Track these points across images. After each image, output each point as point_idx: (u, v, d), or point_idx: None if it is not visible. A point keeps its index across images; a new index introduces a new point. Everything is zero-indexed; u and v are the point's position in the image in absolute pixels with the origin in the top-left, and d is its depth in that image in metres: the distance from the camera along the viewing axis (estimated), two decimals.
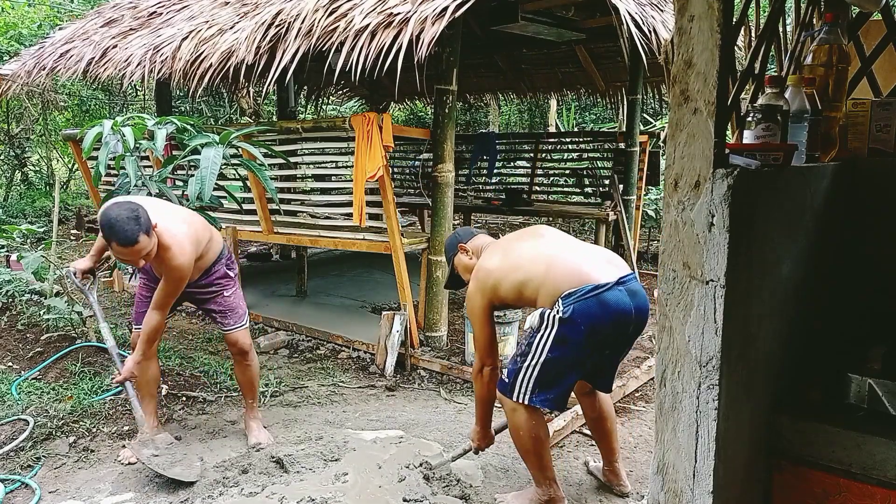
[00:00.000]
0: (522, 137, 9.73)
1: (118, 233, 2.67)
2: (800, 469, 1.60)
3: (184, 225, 3.01)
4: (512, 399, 2.52)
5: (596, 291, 2.38)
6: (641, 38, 4.61)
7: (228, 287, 3.27)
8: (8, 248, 5.00)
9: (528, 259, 2.56)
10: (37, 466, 3.09)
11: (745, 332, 1.44)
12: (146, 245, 2.73)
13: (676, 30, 1.35)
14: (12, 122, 10.53)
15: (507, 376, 2.55)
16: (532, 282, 2.50)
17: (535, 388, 2.47)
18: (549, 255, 2.54)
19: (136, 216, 2.71)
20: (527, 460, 2.64)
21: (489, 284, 2.58)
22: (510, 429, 2.61)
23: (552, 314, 2.41)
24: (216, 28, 4.96)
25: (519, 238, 2.74)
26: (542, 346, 2.43)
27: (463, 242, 2.85)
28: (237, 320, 3.28)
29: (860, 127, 1.97)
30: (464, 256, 2.84)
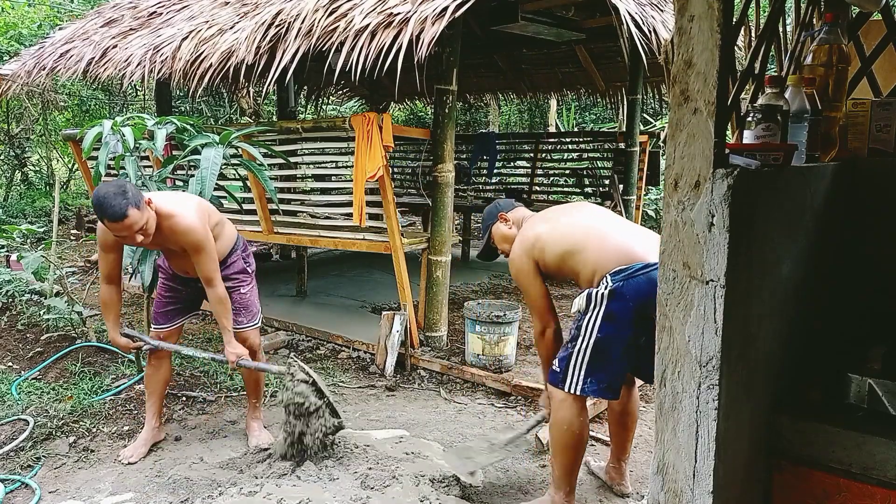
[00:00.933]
0: (522, 137, 9.73)
1: (106, 208, 2.65)
2: (800, 469, 1.60)
3: (186, 199, 3.02)
4: (564, 389, 2.47)
5: (646, 270, 2.36)
6: (641, 38, 4.61)
7: (245, 283, 3.25)
8: (8, 248, 5.00)
9: (578, 230, 2.54)
10: (37, 466, 3.10)
11: (745, 332, 1.44)
12: (137, 219, 2.70)
13: (676, 30, 1.35)
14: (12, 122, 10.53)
15: (559, 364, 2.50)
16: (580, 254, 2.48)
17: (588, 373, 2.42)
18: (600, 229, 2.53)
19: (124, 191, 2.68)
20: (560, 460, 2.55)
21: (537, 247, 2.56)
22: (554, 423, 2.55)
23: (600, 292, 2.39)
24: (216, 28, 4.96)
25: (564, 212, 2.72)
26: (592, 326, 2.41)
27: (504, 212, 2.82)
28: (250, 319, 3.27)
29: (860, 127, 1.97)
30: (503, 226, 2.81)
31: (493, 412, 3.77)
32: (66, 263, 6.56)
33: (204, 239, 2.91)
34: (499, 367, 4.10)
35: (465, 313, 4.19)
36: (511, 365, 4.17)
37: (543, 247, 2.56)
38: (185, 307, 3.32)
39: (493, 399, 3.93)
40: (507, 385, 3.95)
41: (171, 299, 3.26)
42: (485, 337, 4.08)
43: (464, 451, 2.99)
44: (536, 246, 2.57)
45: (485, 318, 4.06)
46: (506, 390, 3.95)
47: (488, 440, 3.02)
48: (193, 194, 3.30)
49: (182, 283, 3.23)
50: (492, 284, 6.43)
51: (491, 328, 4.06)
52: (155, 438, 3.29)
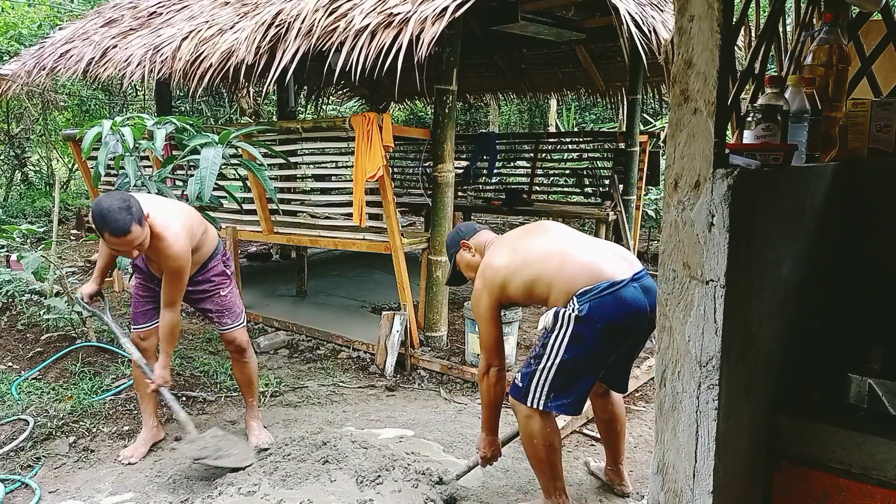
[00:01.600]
0: (522, 137, 9.73)
1: (110, 223, 2.65)
2: (800, 469, 1.60)
3: (177, 216, 2.99)
4: (526, 405, 2.42)
5: (612, 289, 2.32)
6: (641, 38, 4.61)
7: (225, 285, 3.25)
8: (8, 248, 5.00)
9: (539, 256, 2.47)
10: (37, 466, 3.10)
11: (745, 332, 1.44)
12: (138, 235, 2.71)
13: (676, 30, 1.35)
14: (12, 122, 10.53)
15: (521, 380, 2.46)
16: (543, 279, 2.42)
17: (550, 391, 2.38)
18: (561, 251, 2.46)
19: (128, 206, 2.68)
20: (539, 470, 2.55)
21: (497, 283, 2.49)
22: (522, 437, 2.53)
23: (567, 313, 2.34)
24: (216, 28, 4.96)
25: (526, 234, 2.65)
26: (558, 346, 2.36)
27: (465, 239, 2.75)
28: (235, 319, 3.27)
29: (860, 127, 1.97)
30: (466, 253, 2.74)
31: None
32: (66, 263, 6.56)
33: (184, 268, 2.94)
34: None
35: (465, 313, 4.19)
36: (511, 365, 4.16)
37: (505, 282, 2.48)
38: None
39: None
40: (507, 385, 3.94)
41: (149, 298, 3.23)
42: None
43: None
44: (496, 282, 2.50)
45: None
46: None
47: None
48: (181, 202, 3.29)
49: (159, 283, 3.19)
50: None
51: None
52: (155, 438, 3.29)
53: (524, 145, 8.47)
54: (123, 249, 2.76)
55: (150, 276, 3.20)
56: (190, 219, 3.07)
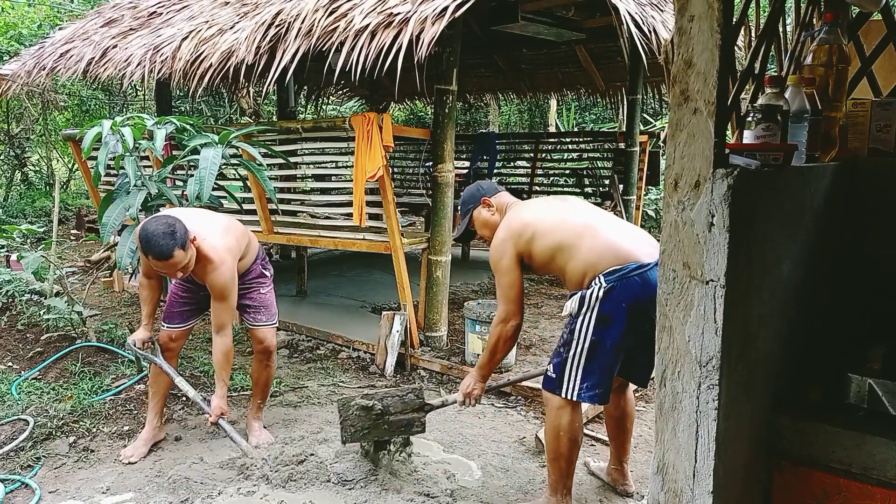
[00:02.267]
0: (522, 137, 9.73)
1: (154, 247, 2.74)
2: (800, 469, 1.60)
3: (223, 236, 3.06)
4: (561, 395, 2.40)
5: (640, 270, 2.32)
6: (641, 38, 4.61)
7: (265, 284, 3.36)
8: (8, 248, 5.00)
9: (571, 226, 2.44)
10: (37, 466, 3.10)
11: (745, 332, 1.44)
12: (181, 259, 2.79)
13: (676, 30, 1.35)
14: (12, 122, 10.53)
15: (553, 370, 2.44)
16: (570, 249, 2.39)
17: (584, 379, 2.37)
18: (593, 226, 2.43)
19: (173, 231, 2.76)
20: (555, 466, 2.52)
21: (525, 236, 2.45)
22: (548, 430, 2.49)
23: (593, 293, 2.33)
24: (216, 28, 4.96)
25: (554, 203, 2.62)
26: (585, 329, 2.35)
27: (487, 196, 2.68)
28: (269, 318, 3.35)
29: (860, 127, 1.97)
30: (485, 210, 2.67)
31: (493, 412, 3.77)
32: (66, 263, 6.56)
33: (231, 292, 3.02)
34: (498, 368, 4.10)
35: (465, 313, 4.19)
36: (511, 365, 4.17)
37: (532, 238, 2.45)
38: (200, 307, 3.35)
39: (492, 399, 3.93)
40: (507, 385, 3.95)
41: (187, 300, 3.28)
42: (485, 337, 4.08)
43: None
44: (524, 236, 2.45)
45: (485, 318, 4.05)
46: (506, 390, 3.94)
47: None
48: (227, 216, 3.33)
49: (198, 284, 3.25)
50: (492, 284, 6.42)
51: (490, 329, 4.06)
52: (155, 438, 3.29)
53: (524, 145, 8.48)
54: (167, 272, 2.85)
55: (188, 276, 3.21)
56: (235, 235, 3.14)
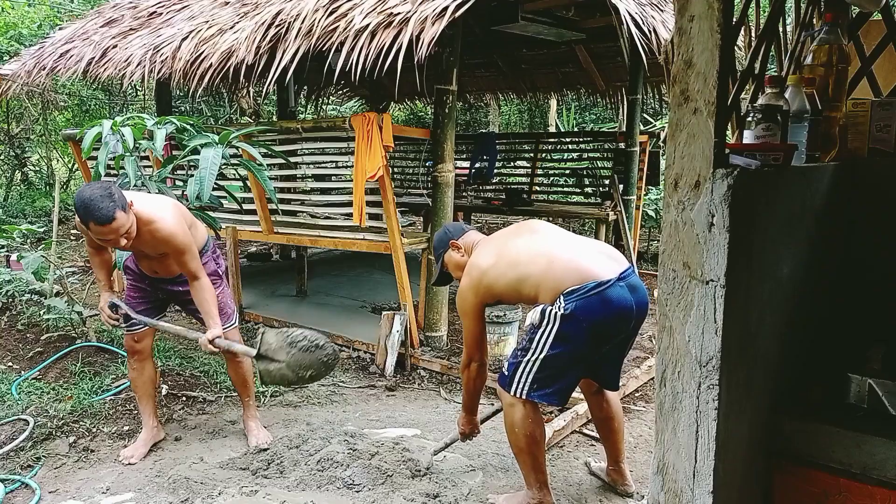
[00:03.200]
0: (522, 137, 9.73)
1: (94, 211, 2.61)
2: (800, 469, 1.60)
3: (163, 202, 2.99)
4: (510, 393, 2.50)
5: (599, 289, 2.35)
6: (641, 38, 4.61)
7: (217, 284, 3.20)
8: (8, 248, 5.00)
9: (525, 256, 2.51)
10: (37, 466, 3.10)
11: (745, 332, 1.44)
12: (124, 222, 2.67)
13: (676, 30, 1.35)
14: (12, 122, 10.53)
15: (507, 369, 2.53)
16: (531, 279, 2.46)
17: (533, 383, 2.45)
18: (548, 251, 2.49)
19: (110, 193, 2.65)
20: (519, 459, 2.61)
21: (483, 284, 2.54)
22: (506, 426, 2.59)
23: (553, 311, 2.38)
24: (216, 28, 4.96)
25: (513, 234, 2.68)
26: (543, 342, 2.42)
27: (455, 239, 2.78)
28: (227, 320, 3.21)
29: (860, 127, 1.97)
30: (455, 253, 2.77)
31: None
32: (66, 263, 6.56)
33: (187, 242, 2.91)
34: (499, 367, 4.09)
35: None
36: None
37: (489, 282, 2.53)
38: (156, 307, 3.26)
39: (492, 399, 3.93)
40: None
41: (142, 300, 3.20)
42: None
43: None
44: (483, 283, 2.53)
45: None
46: None
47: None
48: (168, 196, 3.25)
49: (151, 283, 3.18)
50: None
51: (491, 328, 4.06)
52: (155, 438, 3.29)
53: (524, 145, 8.47)
54: (111, 238, 2.71)
55: (141, 276, 3.17)
56: (177, 206, 3.05)
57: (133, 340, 3.19)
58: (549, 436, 3.22)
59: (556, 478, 3.02)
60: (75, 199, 2.68)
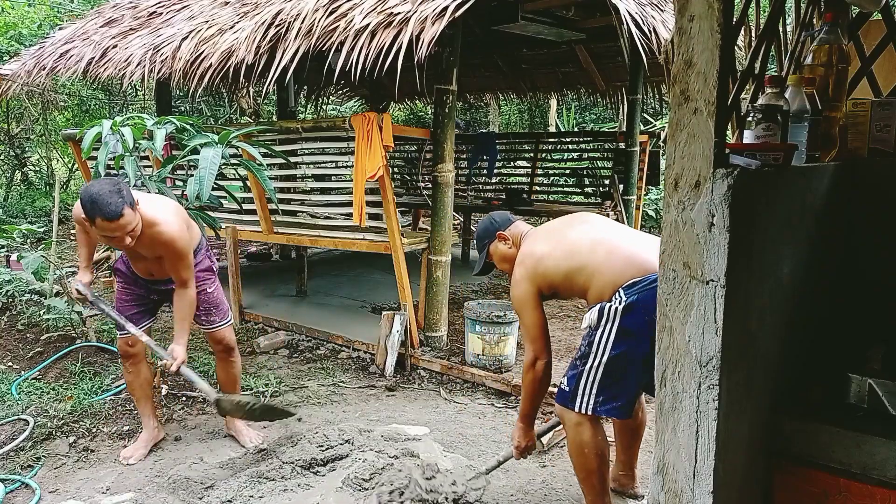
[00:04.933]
0: (522, 137, 9.73)
1: (102, 206, 2.57)
2: (800, 469, 1.60)
3: (165, 202, 2.98)
4: (575, 409, 2.34)
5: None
6: (641, 38, 4.61)
7: (211, 281, 3.19)
8: (8, 248, 5.00)
9: (583, 246, 2.41)
10: (37, 466, 3.09)
11: (746, 332, 1.44)
12: (131, 219, 2.65)
13: (676, 30, 1.35)
14: (12, 122, 10.53)
15: (567, 384, 2.38)
16: (587, 269, 2.36)
17: (599, 393, 2.31)
18: (607, 242, 2.40)
19: (119, 189, 2.62)
20: (587, 484, 2.44)
21: (539, 271, 2.43)
22: (572, 447, 2.43)
23: (612, 306, 2.28)
24: (216, 28, 4.96)
25: (567, 224, 2.59)
26: (605, 342, 2.29)
27: (502, 229, 2.67)
28: (222, 317, 3.22)
29: (860, 127, 1.97)
30: (502, 244, 2.66)
31: (493, 412, 3.77)
32: (66, 263, 6.56)
33: (186, 249, 2.89)
34: (499, 367, 4.10)
35: (465, 313, 4.19)
36: (511, 365, 4.17)
37: (546, 270, 2.42)
38: (148, 310, 3.22)
39: (493, 399, 3.93)
40: (507, 385, 3.95)
41: (132, 302, 3.17)
42: (485, 337, 4.08)
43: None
44: (538, 270, 2.43)
45: (485, 318, 4.06)
46: (506, 390, 3.95)
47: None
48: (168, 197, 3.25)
49: (143, 285, 3.16)
50: (492, 284, 6.43)
51: (491, 328, 4.06)
52: (155, 439, 3.28)
53: (524, 145, 8.47)
54: (116, 235, 2.67)
55: (133, 279, 3.15)
56: (178, 209, 3.04)
57: (127, 344, 3.16)
58: (550, 436, 3.22)
59: (557, 478, 3.02)
60: (82, 193, 2.64)
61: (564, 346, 4.55)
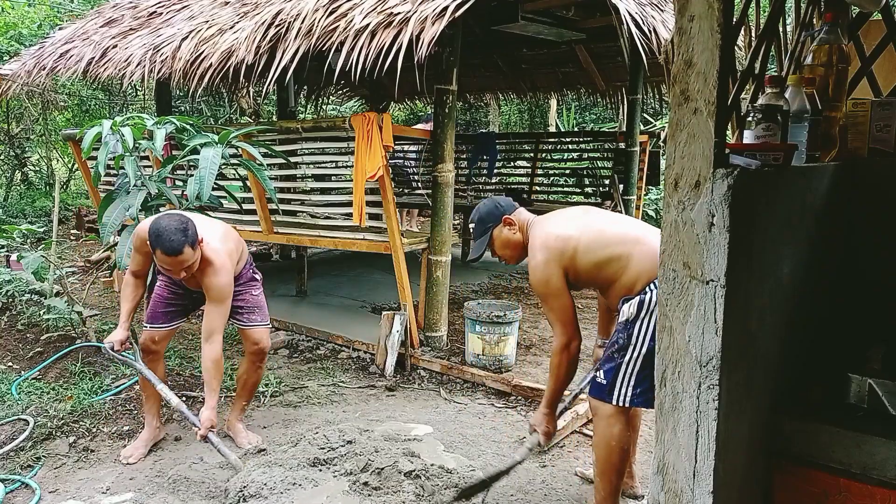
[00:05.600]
0: (522, 137, 9.73)
1: (164, 242, 2.74)
2: (800, 469, 1.60)
3: (224, 241, 3.09)
4: (612, 402, 2.30)
5: None
6: (641, 38, 4.61)
7: (256, 287, 3.34)
8: (8, 248, 5.00)
9: (615, 237, 2.36)
10: (37, 466, 3.10)
11: (746, 332, 1.44)
12: (189, 257, 2.80)
13: (676, 30, 1.35)
14: (12, 122, 10.53)
15: (605, 377, 2.34)
16: (621, 260, 2.32)
17: (637, 384, 2.27)
18: (633, 235, 2.37)
19: (185, 228, 2.78)
20: (605, 479, 2.40)
21: (568, 254, 2.34)
22: (600, 441, 2.38)
23: (651, 299, 2.24)
24: (216, 28, 4.96)
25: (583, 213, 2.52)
26: (645, 334, 2.25)
27: (507, 214, 2.58)
28: (263, 318, 3.33)
29: (860, 127, 1.98)
30: (507, 230, 2.58)
31: (493, 412, 3.77)
32: (66, 263, 6.56)
33: (228, 296, 3.03)
34: (499, 367, 4.10)
35: (466, 313, 4.19)
36: (511, 365, 4.17)
37: (575, 253, 2.34)
38: (185, 309, 3.31)
39: (493, 399, 3.93)
40: (507, 385, 3.95)
41: (173, 301, 3.24)
42: (485, 337, 4.08)
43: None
44: (566, 253, 2.35)
45: (485, 318, 4.06)
46: (506, 390, 3.95)
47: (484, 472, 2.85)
48: (225, 224, 3.31)
49: (185, 288, 3.22)
50: (492, 284, 6.43)
51: (491, 328, 4.06)
52: (155, 438, 3.29)
53: (524, 145, 8.48)
54: (172, 268, 2.83)
55: (177, 282, 3.18)
56: (234, 240, 3.18)
57: (152, 340, 3.20)
58: None
59: (557, 478, 3.02)
60: (151, 225, 2.82)
61: None
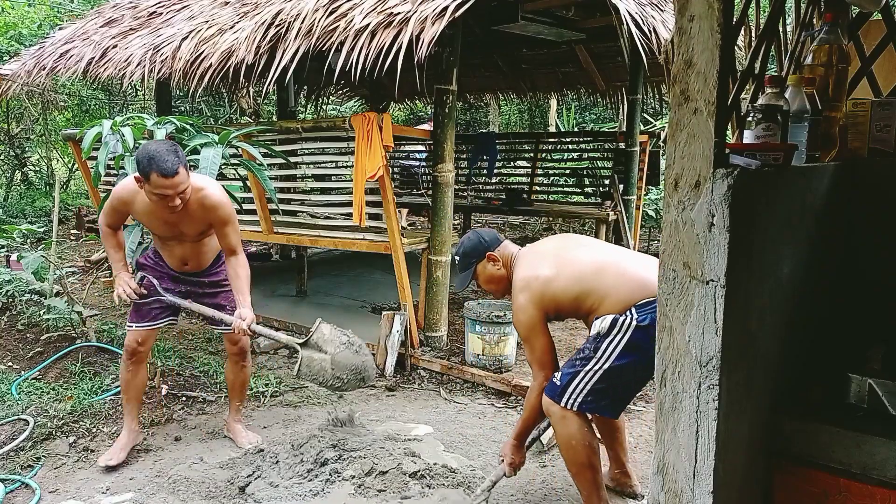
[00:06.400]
0: (522, 137, 9.73)
1: (159, 163, 2.64)
2: (800, 469, 1.60)
3: (204, 176, 3.07)
4: (559, 404, 2.38)
5: None
6: (641, 38, 4.61)
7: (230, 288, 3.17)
8: (8, 248, 5.00)
9: (590, 269, 2.43)
10: (37, 466, 3.10)
11: (746, 332, 1.44)
12: (184, 179, 2.73)
13: (676, 30, 1.35)
14: (12, 122, 10.53)
15: (561, 379, 2.40)
16: (597, 292, 2.39)
17: (589, 394, 2.35)
18: (613, 265, 2.44)
19: (176, 150, 2.72)
20: (580, 478, 2.45)
21: (548, 296, 2.43)
22: (560, 441, 2.45)
23: (627, 321, 2.32)
24: (216, 28, 4.96)
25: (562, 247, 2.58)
26: (611, 351, 2.33)
27: (491, 250, 2.63)
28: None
29: (860, 127, 1.98)
30: (491, 265, 2.63)
31: (493, 412, 3.77)
32: (66, 263, 6.56)
33: (233, 213, 2.98)
34: (499, 367, 4.10)
35: (466, 313, 4.19)
36: (511, 365, 4.17)
37: (554, 294, 2.42)
38: (171, 307, 3.17)
39: (493, 399, 3.93)
40: (507, 385, 3.95)
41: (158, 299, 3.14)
42: (485, 337, 4.08)
43: None
44: (546, 295, 2.43)
45: (485, 318, 4.06)
46: (506, 390, 3.95)
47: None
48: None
49: (171, 279, 3.15)
50: None
51: (491, 328, 4.06)
52: (134, 442, 3.22)
53: (524, 145, 8.48)
54: (167, 193, 2.71)
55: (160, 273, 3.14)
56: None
57: (136, 341, 3.12)
58: (550, 435, 3.22)
59: (557, 478, 3.02)
60: (139, 152, 2.72)
61: (565, 346, 4.55)
